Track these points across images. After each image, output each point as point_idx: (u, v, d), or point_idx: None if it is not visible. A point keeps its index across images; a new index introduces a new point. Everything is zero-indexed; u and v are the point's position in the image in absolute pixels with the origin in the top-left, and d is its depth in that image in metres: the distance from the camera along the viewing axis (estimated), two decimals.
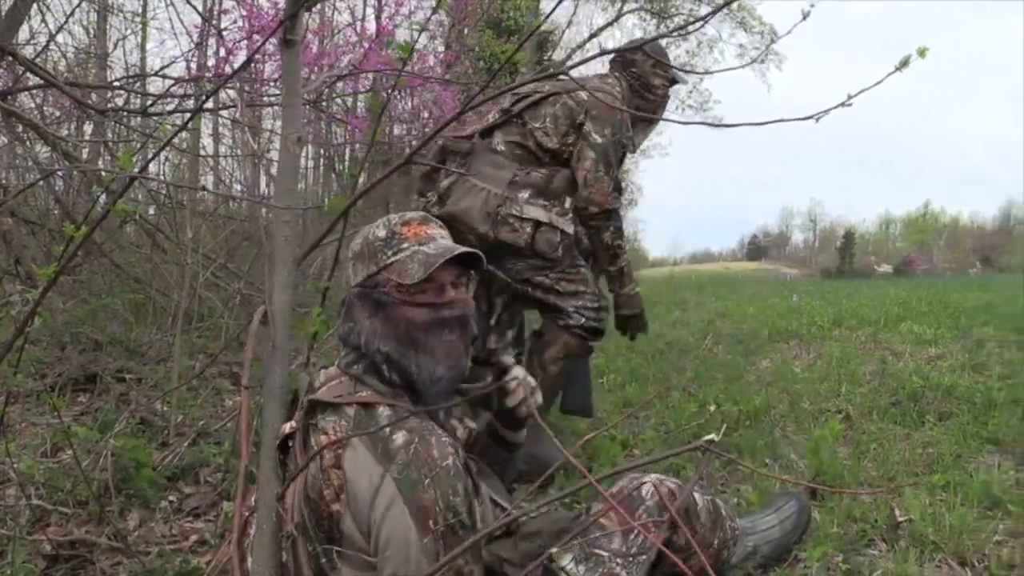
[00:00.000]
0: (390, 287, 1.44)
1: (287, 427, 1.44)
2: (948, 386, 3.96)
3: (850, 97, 1.18)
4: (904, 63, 1.14)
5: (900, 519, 2.32)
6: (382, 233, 1.48)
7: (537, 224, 2.70)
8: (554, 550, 1.13)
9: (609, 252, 2.84)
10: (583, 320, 2.82)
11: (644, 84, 2.98)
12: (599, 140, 2.74)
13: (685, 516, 1.72)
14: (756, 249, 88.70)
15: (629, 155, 2.99)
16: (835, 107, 1.19)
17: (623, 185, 2.93)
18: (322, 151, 11.26)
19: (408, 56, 1.29)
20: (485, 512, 1.42)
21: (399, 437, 1.30)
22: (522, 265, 2.77)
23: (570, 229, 2.76)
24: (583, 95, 2.77)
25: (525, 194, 2.73)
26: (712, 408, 3.64)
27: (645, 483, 1.65)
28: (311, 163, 12.08)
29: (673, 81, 3.05)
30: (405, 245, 1.46)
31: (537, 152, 2.79)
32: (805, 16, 1.19)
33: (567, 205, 2.79)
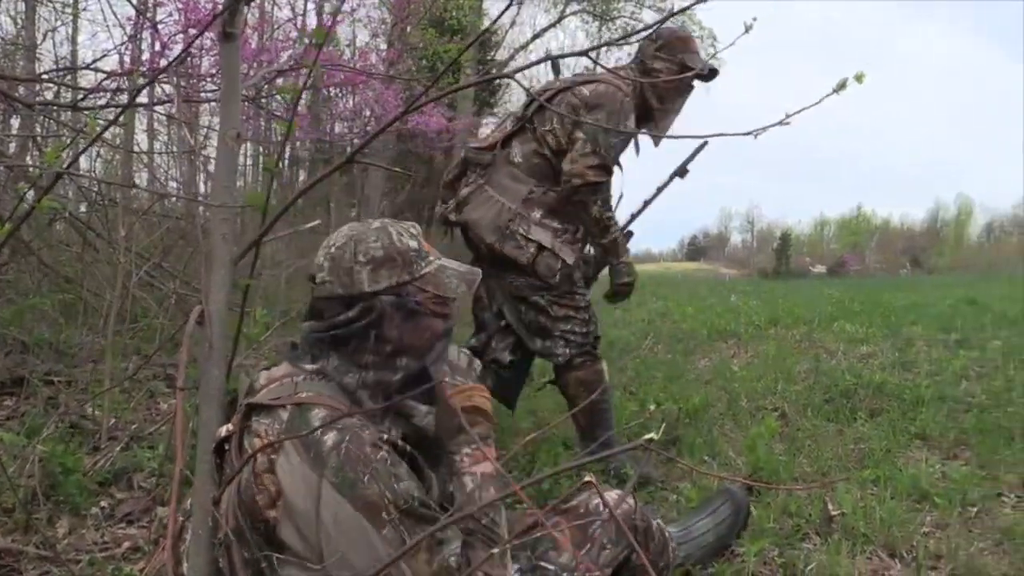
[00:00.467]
0: (425, 298, 1.47)
1: (224, 430, 1.41)
2: (879, 383, 4.08)
3: (787, 116, 1.20)
4: (841, 86, 1.16)
5: (833, 513, 2.38)
6: (413, 244, 1.48)
7: (541, 247, 2.74)
8: (495, 551, 1.12)
9: (599, 225, 2.82)
10: (570, 350, 2.85)
11: (645, 69, 2.92)
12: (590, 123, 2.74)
13: (644, 537, 1.74)
14: (696, 250, 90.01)
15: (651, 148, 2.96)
16: (773, 125, 1.21)
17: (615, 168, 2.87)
18: (261, 148, 11.07)
19: (322, 42, 1.26)
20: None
21: (329, 439, 1.28)
22: (522, 282, 2.80)
23: (571, 259, 2.78)
24: (586, 91, 2.79)
25: (537, 214, 2.77)
26: (652, 407, 3.68)
27: (599, 499, 1.63)
28: (250, 161, 11.89)
29: (685, 68, 2.85)
30: (431, 258, 1.50)
31: (552, 160, 2.80)
32: (748, 29, 1.21)
33: (579, 235, 2.83)
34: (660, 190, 3.19)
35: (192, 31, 3.90)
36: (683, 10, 1.51)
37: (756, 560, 2.09)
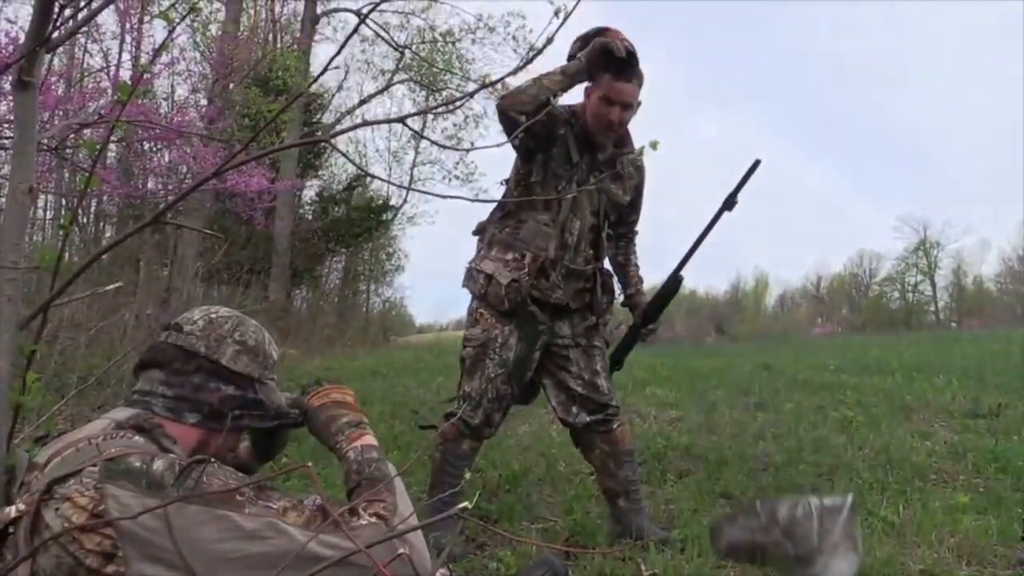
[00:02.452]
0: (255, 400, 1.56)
1: (11, 511, 1.27)
2: (686, 446, 4.30)
3: (593, 182, 1.29)
4: (639, 154, 1.26)
5: (646, 574, 2.46)
6: (274, 355, 1.62)
7: (489, 277, 2.80)
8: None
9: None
10: (458, 408, 2.87)
11: None
12: None
13: None
14: None
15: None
16: (579, 191, 1.29)
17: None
18: (64, 201, 10.36)
19: (127, 100, 1.22)
20: None
21: (158, 464, 1.23)
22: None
23: (504, 280, 2.77)
24: None
25: (494, 251, 2.83)
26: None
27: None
28: (51, 214, 11.09)
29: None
30: (274, 377, 1.62)
31: (512, 193, 2.85)
32: (550, 107, 1.29)
33: (527, 260, 2.77)
34: (709, 227, 2.91)
35: None
36: (499, 80, 1.58)
37: None
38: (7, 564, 1.23)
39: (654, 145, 1.29)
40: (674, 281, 3.01)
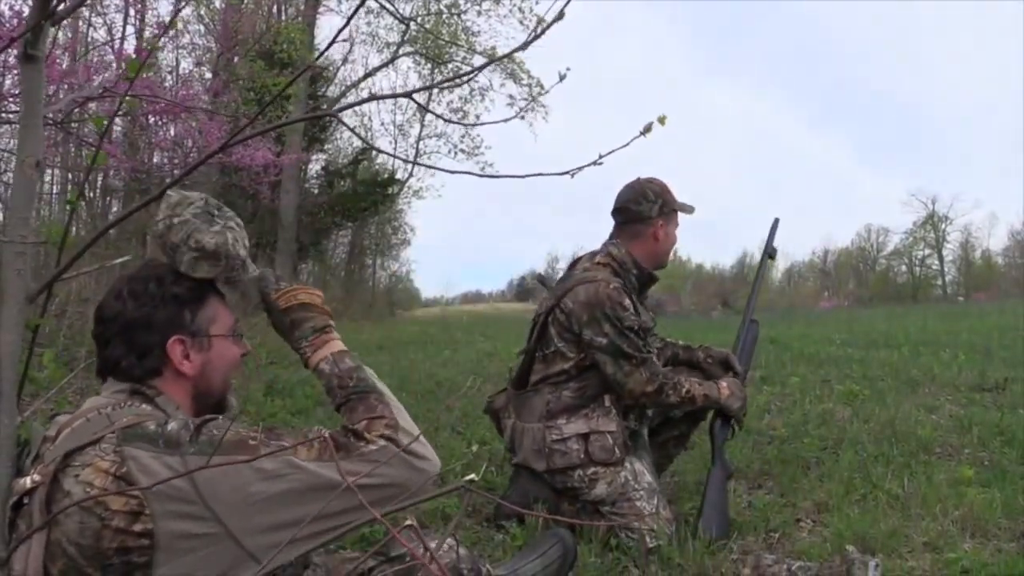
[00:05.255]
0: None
1: (27, 482, 1.28)
2: None
3: (601, 156, 1.28)
4: (647, 129, 1.25)
5: (650, 545, 2.48)
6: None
7: (583, 436, 2.66)
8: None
9: (682, 403, 2.76)
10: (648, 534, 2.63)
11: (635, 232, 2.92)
12: (604, 342, 2.64)
13: None
14: (524, 291, 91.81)
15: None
16: (588, 164, 1.29)
17: (653, 338, 2.89)
18: (71, 176, 10.36)
19: (135, 76, 1.21)
20: None
21: (172, 425, 1.26)
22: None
23: (614, 427, 2.68)
24: (570, 303, 2.69)
25: (563, 419, 2.69)
26: (475, 447, 3.70)
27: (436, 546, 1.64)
28: (57, 188, 11.09)
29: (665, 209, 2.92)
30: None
31: (570, 371, 2.74)
32: (562, 78, 1.29)
33: (607, 403, 2.72)
34: (757, 279, 3.36)
35: None
36: (507, 55, 1.57)
37: None
38: (22, 534, 1.24)
39: (662, 120, 1.27)
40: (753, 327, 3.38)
